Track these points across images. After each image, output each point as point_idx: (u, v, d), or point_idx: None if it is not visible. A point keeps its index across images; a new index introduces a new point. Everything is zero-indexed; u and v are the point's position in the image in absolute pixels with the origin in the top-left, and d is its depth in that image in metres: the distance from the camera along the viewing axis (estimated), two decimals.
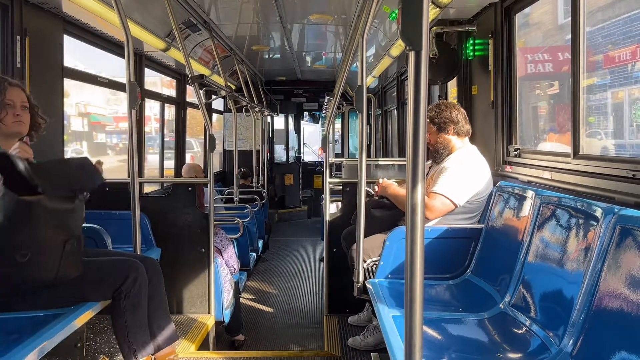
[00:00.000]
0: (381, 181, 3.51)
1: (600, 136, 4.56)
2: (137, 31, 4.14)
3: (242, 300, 5.18)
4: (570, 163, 2.90)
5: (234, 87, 7.67)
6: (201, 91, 4.44)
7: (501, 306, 2.56)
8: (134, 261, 2.65)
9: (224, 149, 9.99)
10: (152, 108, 8.02)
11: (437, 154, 3.34)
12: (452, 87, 4.55)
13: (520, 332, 2.30)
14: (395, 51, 5.10)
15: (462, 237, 3.15)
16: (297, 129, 11.90)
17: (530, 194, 2.70)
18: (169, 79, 6.84)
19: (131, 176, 3.10)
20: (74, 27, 3.95)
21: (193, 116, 8.22)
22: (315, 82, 10.60)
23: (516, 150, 3.67)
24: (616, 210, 1.96)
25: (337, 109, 6.95)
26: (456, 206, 3.11)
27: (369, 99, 8.93)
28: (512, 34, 3.69)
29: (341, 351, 3.52)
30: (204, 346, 3.78)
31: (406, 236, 1.27)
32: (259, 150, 8.58)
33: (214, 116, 9.60)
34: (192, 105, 7.12)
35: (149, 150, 7.97)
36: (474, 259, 3.11)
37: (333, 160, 5.36)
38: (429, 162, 3.46)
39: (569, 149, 2.94)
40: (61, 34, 3.76)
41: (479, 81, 4.11)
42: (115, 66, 5.19)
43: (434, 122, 3.29)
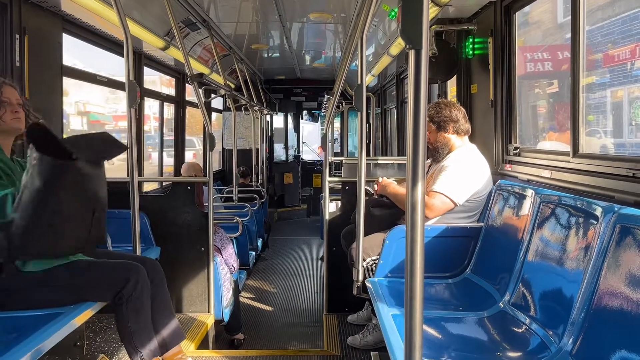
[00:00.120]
0: (380, 180, 3.51)
1: (600, 135, 4.56)
2: (136, 30, 4.13)
3: (241, 299, 5.18)
4: (570, 162, 2.89)
5: (233, 86, 7.66)
6: (200, 90, 4.44)
7: (501, 305, 2.56)
8: (134, 264, 2.62)
9: (223, 147, 9.98)
10: (151, 107, 8.02)
11: (437, 153, 3.33)
12: (452, 85, 4.55)
13: (520, 330, 2.30)
14: (394, 50, 5.09)
15: (461, 236, 3.15)
16: (297, 128, 11.90)
17: (529, 192, 2.70)
18: (168, 77, 6.83)
19: (130, 175, 3.09)
20: (73, 26, 3.94)
21: (192, 115, 8.21)
22: (315, 80, 10.59)
23: (516, 149, 3.67)
24: (616, 209, 1.96)
25: (336, 108, 6.95)
26: (456, 205, 3.11)
27: (368, 98, 8.91)
28: (511, 33, 3.69)
29: (341, 350, 3.52)
30: (203, 345, 3.78)
31: (406, 235, 1.27)
32: (258, 149, 8.58)
33: (213, 115, 9.59)
34: (192, 104, 7.11)
35: (148, 149, 7.96)
36: (473, 257, 3.11)
37: (332, 159, 5.37)
38: (428, 161, 3.46)
39: (568, 148, 2.94)
40: (60, 33, 3.75)
41: (479, 80, 4.11)
42: (114, 65, 5.19)
43: (434, 120, 3.29)
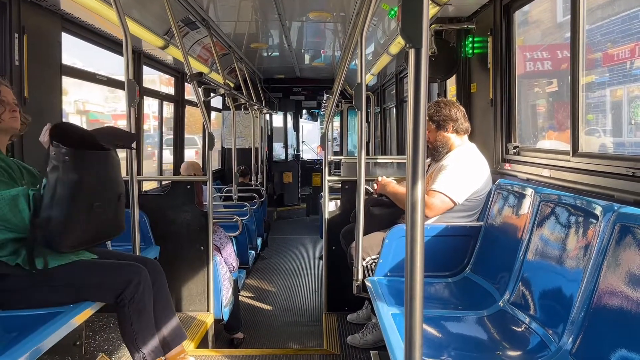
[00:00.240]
0: (380, 179, 3.51)
1: (599, 134, 4.56)
2: (135, 29, 4.13)
3: (241, 298, 5.18)
4: (569, 161, 2.90)
5: (232, 85, 7.66)
6: (200, 89, 4.43)
7: (500, 304, 2.56)
8: (136, 265, 2.63)
9: (222, 146, 9.98)
10: (150, 106, 8.01)
11: (436, 152, 3.33)
12: (451, 84, 4.55)
13: (519, 329, 2.30)
14: (394, 49, 5.09)
15: (461, 235, 3.16)
16: (296, 127, 11.89)
17: (529, 191, 2.70)
18: (168, 76, 6.82)
19: (130, 174, 3.09)
20: (72, 25, 3.94)
21: (192, 114, 8.21)
22: (314, 79, 10.59)
23: (515, 148, 3.67)
24: (616, 208, 1.96)
25: (335, 107, 6.95)
26: (455, 204, 3.11)
27: (367, 97, 8.91)
28: (511, 32, 3.69)
29: (340, 349, 3.52)
30: (203, 344, 3.78)
31: (406, 234, 1.27)
32: (257, 148, 8.57)
33: (213, 114, 9.59)
34: (191, 103, 7.10)
35: (148, 148, 7.94)
36: (473, 256, 3.11)
37: (332, 158, 5.37)
38: (427, 160, 3.46)
39: (568, 147, 2.94)
40: (59, 32, 3.74)
41: (478, 79, 4.11)
42: (113, 64, 5.18)
43: (433, 119, 3.28)
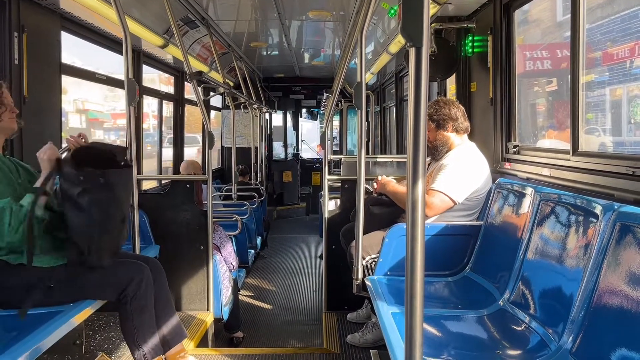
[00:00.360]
0: (380, 178, 3.51)
1: (598, 133, 4.56)
2: (135, 28, 4.13)
3: (240, 298, 5.18)
4: (569, 160, 2.89)
5: (232, 84, 7.65)
6: (199, 88, 4.43)
7: (500, 303, 2.56)
8: (139, 264, 2.65)
9: (222, 146, 9.98)
10: (150, 105, 8.00)
11: (436, 151, 3.33)
12: (451, 83, 4.54)
13: (519, 329, 2.30)
14: (393, 48, 5.09)
15: (461, 234, 3.15)
16: (296, 126, 11.89)
17: (529, 191, 2.70)
18: (167, 75, 6.82)
19: None
20: (71, 24, 3.93)
21: (191, 113, 8.20)
22: (314, 78, 10.59)
23: (515, 147, 3.67)
24: (616, 207, 1.95)
25: (335, 106, 6.94)
26: (455, 203, 3.11)
27: (367, 96, 8.90)
28: (511, 31, 3.68)
29: (340, 348, 3.52)
30: (202, 343, 3.78)
31: (406, 233, 1.26)
32: (257, 147, 8.57)
33: (212, 113, 9.58)
34: (191, 102, 7.10)
35: (147, 147, 7.92)
36: (473, 256, 3.11)
37: (332, 157, 5.36)
38: (427, 159, 3.45)
39: (568, 146, 2.94)
40: (59, 31, 3.74)
41: (478, 78, 4.10)
42: (113, 63, 5.17)
43: (433, 119, 3.28)
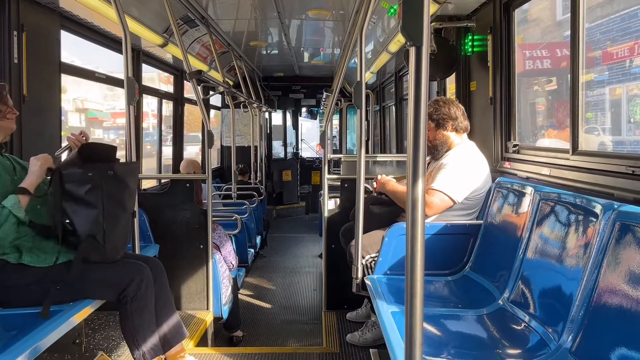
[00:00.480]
0: (379, 177, 3.51)
1: (598, 132, 4.56)
2: (134, 27, 4.12)
3: (240, 297, 5.18)
4: (569, 159, 2.90)
5: (231, 83, 7.65)
6: (199, 87, 4.43)
7: (500, 302, 2.56)
8: (139, 264, 2.66)
9: (221, 145, 9.97)
10: (149, 104, 7.99)
11: (436, 151, 3.33)
12: (451, 83, 4.54)
13: (519, 328, 2.30)
14: (393, 47, 5.09)
15: (460, 233, 3.15)
16: (295, 125, 11.89)
17: (529, 190, 2.70)
18: (167, 75, 6.81)
19: None
20: (71, 23, 3.93)
21: (191, 112, 8.20)
22: (313, 78, 10.59)
23: (515, 146, 3.67)
24: (615, 207, 1.95)
25: (335, 105, 6.94)
26: (455, 203, 3.11)
27: (367, 95, 8.90)
28: (510, 30, 3.68)
29: (340, 347, 3.52)
30: (202, 342, 3.78)
31: (406, 232, 1.26)
32: (257, 147, 8.57)
33: (212, 112, 9.58)
34: (190, 101, 7.10)
35: (147, 146, 7.92)
36: (472, 255, 3.11)
37: (331, 156, 5.36)
38: (427, 159, 3.46)
39: (567, 145, 2.94)
40: (58, 30, 3.74)
41: (478, 77, 4.10)
42: (112, 62, 5.17)
43: (433, 118, 3.28)
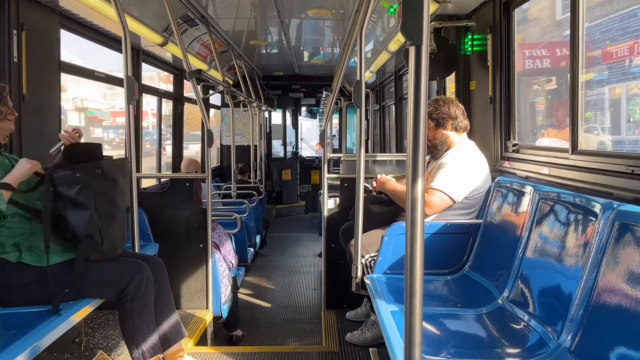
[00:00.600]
0: (379, 177, 3.51)
1: (597, 131, 4.56)
2: (134, 26, 4.12)
3: (240, 296, 5.18)
4: (568, 158, 2.90)
5: (231, 82, 7.65)
6: (199, 86, 4.42)
7: (499, 301, 2.56)
8: (139, 263, 2.66)
9: (221, 144, 9.97)
10: (149, 103, 7.99)
11: (435, 150, 3.33)
12: (451, 82, 4.54)
13: (518, 327, 2.31)
14: (393, 46, 5.09)
15: (460, 233, 3.16)
16: (295, 124, 11.88)
17: (528, 189, 2.70)
18: (167, 74, 6.81)
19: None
20: (70, 22, 3.93)
21: (191, 111, 8.20)
22: (313, 77, 10.58)
23: (514, 145, 3.67)
24: (615, 206, 1.96)
25: (334, 104, 6.94)
26: (454, 202, 3.11)
27: (366, 95, 8.90)
28: (510, 30, 3.68)
29: (339, 346, 3.52)
30: (202, 341, 3.78)
31: (406, 231, 1.27)
32: (256, 146, 8.57)
33: (212, 111, 9.58)
34: (190, 101, 7.09)
35: (147, 145, 7.91)
36: (472, 254, 3.12)
37: (331, 155, 5.36)
38: (427, 158, 3.46)
39: (567, 145, 2.94)
40: (58, 29, 3.73)
41: (478, 76, 4.10)
42: (112, 61, 5.16)
43: (432, 117, 3.28)
